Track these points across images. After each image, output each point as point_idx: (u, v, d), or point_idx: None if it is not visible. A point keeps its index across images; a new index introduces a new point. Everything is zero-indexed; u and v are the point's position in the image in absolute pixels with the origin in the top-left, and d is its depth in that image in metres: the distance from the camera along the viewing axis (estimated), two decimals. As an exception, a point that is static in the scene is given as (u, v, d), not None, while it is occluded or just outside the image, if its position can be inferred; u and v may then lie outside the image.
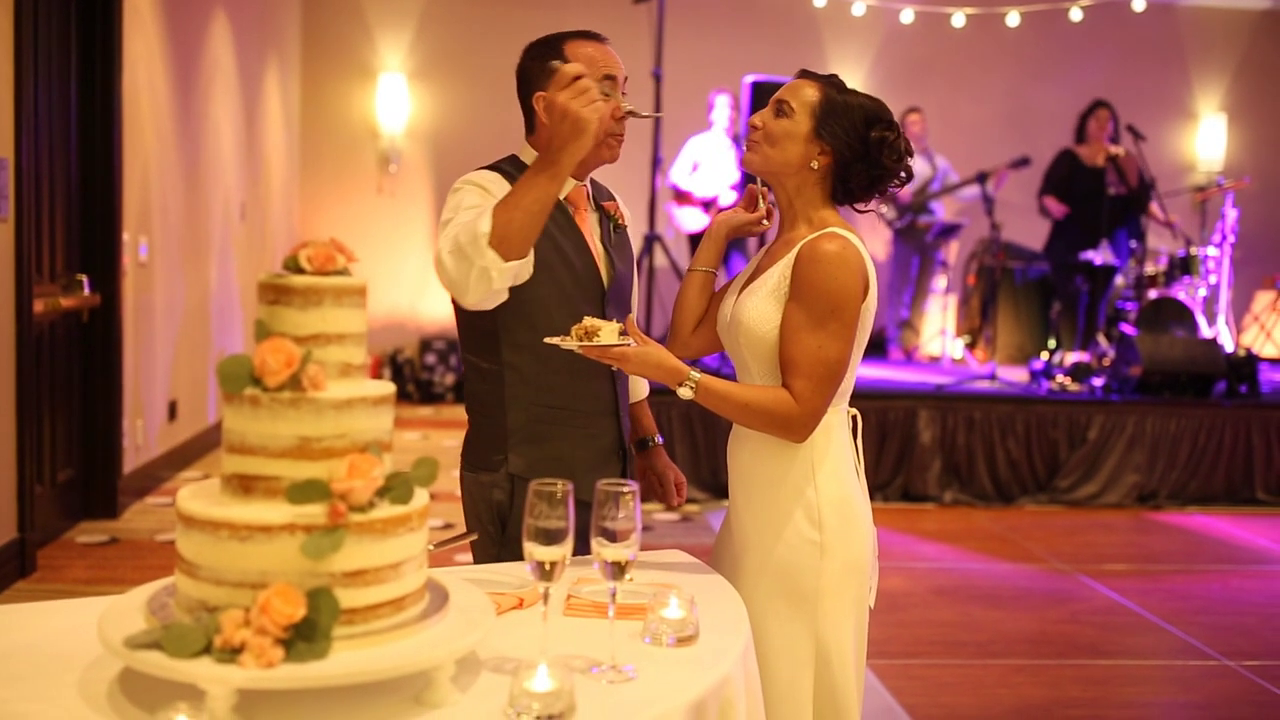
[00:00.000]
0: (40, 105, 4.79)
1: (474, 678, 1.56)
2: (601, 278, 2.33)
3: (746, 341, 2.14)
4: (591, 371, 2.29)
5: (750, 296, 2.15)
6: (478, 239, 2.00)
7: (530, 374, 2.28)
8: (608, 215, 2.39)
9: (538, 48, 2.32)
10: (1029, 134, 9.33)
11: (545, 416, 2.29)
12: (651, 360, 2.05)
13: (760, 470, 2.15)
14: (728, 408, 2.08)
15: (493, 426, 2.31)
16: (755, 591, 2.12)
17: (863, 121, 2.13)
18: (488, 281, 2.02)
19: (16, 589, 4.43)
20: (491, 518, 2.31)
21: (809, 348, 2.05)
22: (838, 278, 2.05)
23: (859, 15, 9.07)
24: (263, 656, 1.34)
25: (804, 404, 2.05)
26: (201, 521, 1.42)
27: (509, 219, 2.01)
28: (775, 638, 2.11)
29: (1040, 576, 5.29)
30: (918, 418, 6.55)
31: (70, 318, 5.23)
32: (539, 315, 2.22)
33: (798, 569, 2.11)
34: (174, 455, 6.36)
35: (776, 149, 2.15)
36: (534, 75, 2.29)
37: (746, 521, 2.18)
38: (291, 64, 9.10)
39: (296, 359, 1.44)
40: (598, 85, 2.05)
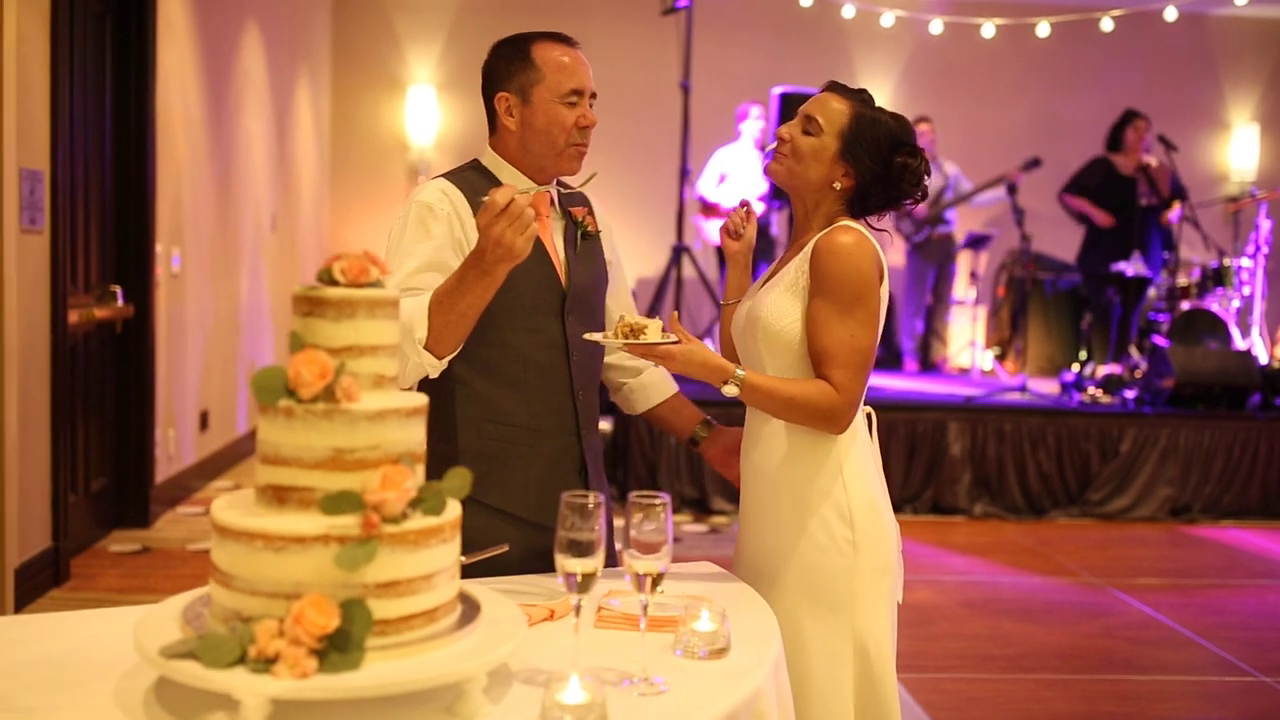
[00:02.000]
0: (75, 118, 4.85)
1: (506, 689, 1.56)
2: (561, 286, 2.23)
3: (764, 337, 2.13)
4: (548, 387, 2.21)
5: (766, 294, 2.16)
6: (414, 341, 2.00)
7: (480, 389, 2.19)
8: (575, 222, 2.29)
9: (505, 47, 2.26)
10: (1058, 144, 9.28)
11: (496, 434, 2.20)
12: (697, 358, 2.03)
13: (785, 473, 2.15)
14: (772, 403, 2.08)
15: (444, 446, 2.19)
16: (786, 595, 2.12)
17: (888, 145, 2.13)
18: (421, 373, 2.05)
19: (50, 597, 4.47)
20: None
21: (841, 337, 2.06)
22: (858, 266, 2.07)
23: (888, 26, 9.05)
24: (297, 667, 1.35)
25: (845, 394, 2.06)
26: (236, 532, 1.43)
27: (444, 323, 2.00)
28: (812, 640, 2.10)
29: (1072, 590, 5.24)
30: (947, 430, 6.51)
31: (104, 328, 5.28)
32: (490, 328, 2.12)
33: (831, 568, 2.11)
34: (205, 465, 6.41)
35: (802, 166, 2.16)
36: (498, 74, 2.24)
37: (772, 525, 2.17)
38: (322, 76, 9.17)
39: (330, 371, 1.45)
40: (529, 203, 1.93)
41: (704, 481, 6.27)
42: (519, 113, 2.21)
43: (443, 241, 2.15)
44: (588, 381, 2.29)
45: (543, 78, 2.19)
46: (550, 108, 2.19)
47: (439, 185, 2.22)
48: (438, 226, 2.16)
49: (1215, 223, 9.16)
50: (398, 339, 1.58)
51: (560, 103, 2.19)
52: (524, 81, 2.20)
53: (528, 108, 2.20)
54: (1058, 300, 8.80)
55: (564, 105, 2.19)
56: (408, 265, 2.14)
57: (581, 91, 2.21)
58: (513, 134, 2.23)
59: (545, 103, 2.19)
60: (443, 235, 2.16)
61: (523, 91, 2.21)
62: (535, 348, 2.20)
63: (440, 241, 2.15)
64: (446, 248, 2.15)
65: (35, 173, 4.37)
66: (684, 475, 6.25)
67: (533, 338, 2.20)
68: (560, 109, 2.19)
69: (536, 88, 2.19)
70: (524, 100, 2.21)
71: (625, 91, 8.43)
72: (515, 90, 2.21)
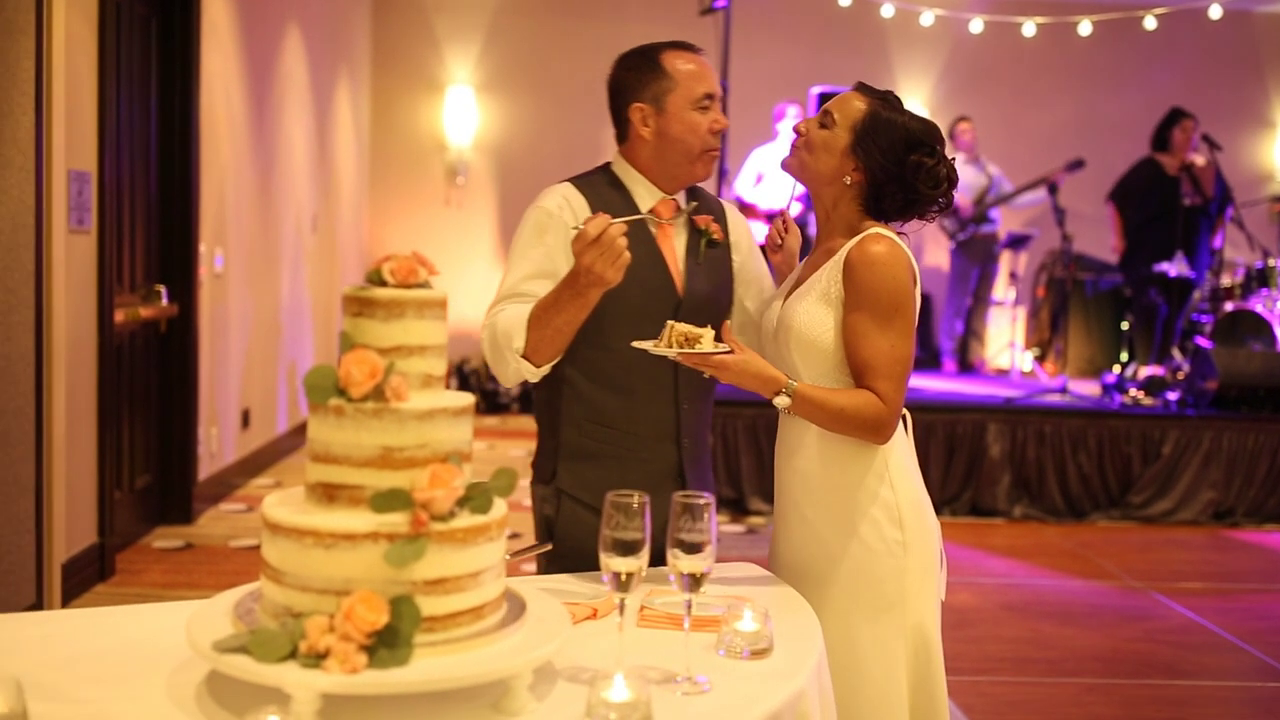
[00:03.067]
0: (122, 121, 4.92)
1: (551, 687, 1.57)
2: (678, 294, 2.26)
3: (798, 346, 2.14)
4: (651, 394, 2.25)
5: (798, 302, 2.16)
6: (513, 349, 2.11)
7: (584, 390, 2.25)
8: (699, 230, 2.31)
9: (634, 59, 2.29)
10: (1099, 144, 9.19)
11: (595, 435, 2.25)
12: (751, 369, 2.04)
13: (831, 476, 2.15)
14: (822, 415, 2.08)
15: (548, 439, 2.31)
16: (837, 598, 2.13)
17: (903, 143, 2.13)
18: (521, 377, 2.16)
19: (96, 592, 4.54)
20: (543, 532, 2.31)
21: (882, 349, 2.07)
22: (895, 276, 2.08)
23: (927, 25, 9.00)
24: (347, 662, 1.36)
25: (890, 404, 2.08)
26: (287, 529, 1.45)
27: (540, 338, 2.10)
28: (865, 642, 2.11)
29: (1113, 594, 5.20)
30: (987, 431, 6.46)
31: (149, 327, 5.35)
32: (598, 331, 2.16)
33: (883, 569, 2.12)
34: (246, 463, 6.47)
35: (812, 157, 2.18)
36: (629, 85, 2.27)
37: (818, 529, 2.17)
38: (362, 77, 9.24)
39: (380, 370, 1.47)
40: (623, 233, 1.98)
41: (741, 482, 6.27)
42: (654, 122, 2.25)
43: (555, 249, 2.20)
44: (695, 391, 2.30)
45: (676, 85, 2.23)
46: (685, 114, 2.23)
47: (562, 191, 2.27)
48: (552, 234, 2.21)
49: (1260, 223, 9.04)
50: (445, 339, 1.59)
51: (694, 109, 2.23)
52: (657, 90, 2.24)
53: (663, 116, 2.24)
54: (1098, 301, 8.72)
55: (697, 111, 2.23)
56: (520, 270, 2.21)
57: (712, 96, 2.25)
58: (647, 143, 2.26)
59: (680, 110, 2.23)
60: (556, 243, 2.20)
61: (657, 100, 2.24)
62: (642, 354, 2.19)
63: (552, 249, 2.20)
64: (558, 255, 2.19)
65: (83, 174, 4.43)
66: (721, 475, 6.24)
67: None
68: (694, 115, 2.23)
69: (670, 96, 2.23)
70: (659, 109, 2.24)
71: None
72: (649, 100, 2.24)
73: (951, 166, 2.17)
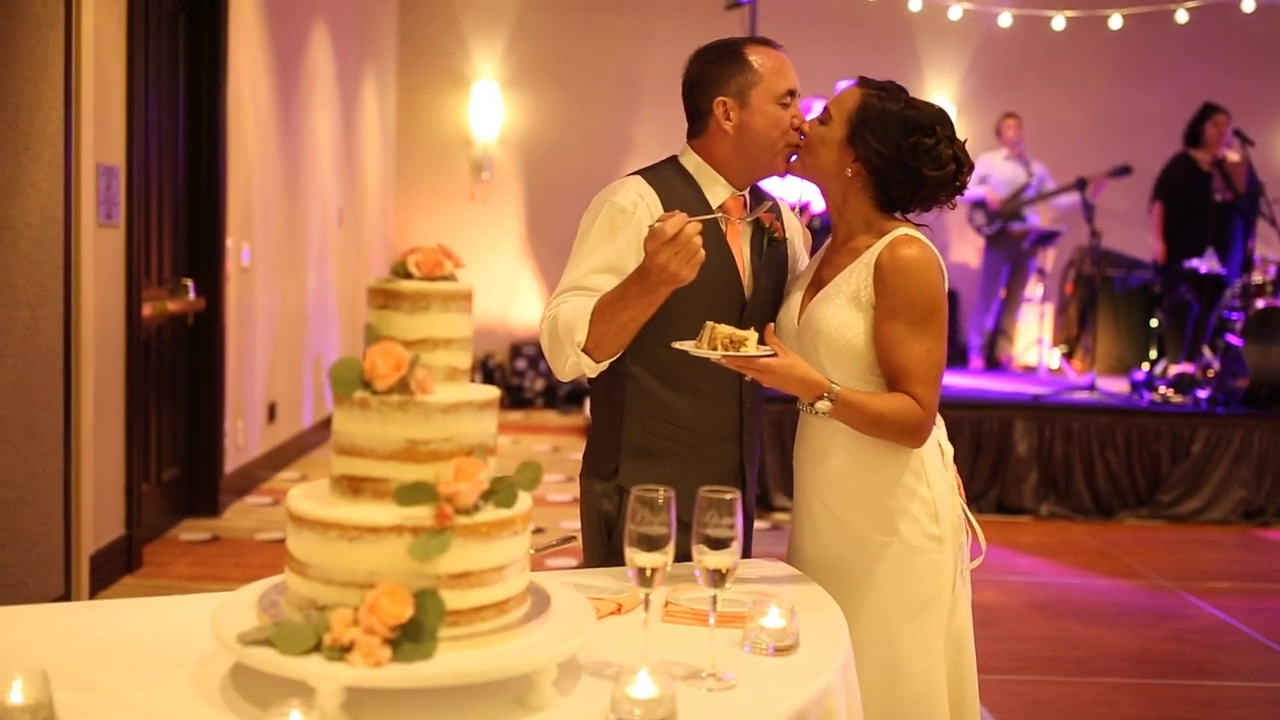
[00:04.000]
0: (150, 115, 4.95)
1: (575, 682, 1.56)
2: (744, 293, 2.24)
3: (828, 349, 2.12)
4: (717, 393, 2.23)
5: (826, 304, 2.14)
6: (574, 342, 2.08)
7: (649, 387, 2.23)
8: (763, 228, 2.29)
9: (716, 52, 2.27)
10: (1130, 139, 9.11)
11: (660, 432, 2.24)
12: (796, 373, 2.02)
13: (866, 476, 2.14)
14: (861, 419, 2.07)
15: (609, 435, 2.28)
16: (874, 596, 2.12)
17: (899, 128, 2.11)
18: (579, 372, 2.13)
19: (123, 583, 4.57)
20: (599, 528, 2.29)
21: (918, 354, 2.07)
22: (928, 281, 2.08)
23: (955, 19, 8.93)
24: (371, 656, 1.36)
25: (927, 409, 2.08)
26: (312, 521, 1.45)
27: (603, 333, 2.07)
28: (905, 640, 2.11)
29: (1141, 593, 5.15)
30: (1013, 428, 6.42)
31: (176, 321, 5.38)
32: (666, 329, 2.13)
33: (923, 566, 2.12)
34: (272, 456, 6.50)
35: (812, 156, 2.19)
36: (711, 79, 2.24)
37: (853, 528, 2.16)
38: (388, 73, 9.26)
39: (405, 363, 1.46)
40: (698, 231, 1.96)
41: (765, 478, 6.25)
42: (737, 115, 2.22)
43: (626, 246, 2.17)
44: (757, 390, 2.29)
45: (760, 79, 2.22)
46: (768, 108, 2.21)
47: (635, 187, 2.24)
48: (625, 231, 2.18)
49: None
50: (470, 332, 1.59)
51: (777, 103, 2.22)
52: (741, 84, 2.22)
53: (746, 110, 2.22)
54: (1128, 298, 8.63)
55: (780, 106, 2.22)
56: (587, 263, 2.19)
57: (794, 92, 2.24)
58: (728, 137, 2.24)
59: (764, 104, 2.21)
60: (628, 240, 2.17)
61: (741, 94, 2.22)
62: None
63: (623, 246, 2.18)
64: (629, 252, 2.16)
65: (111, 168, 4.46)
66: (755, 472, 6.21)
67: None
68: (778, 110, 2.22)
69: (754, 89, 2.22)
70: (742, 103, 2.22)
71: (688, 87, 8.37)
72: (733, 93, 2.22)
73: (960, 148, 2.14)
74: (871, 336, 2.10)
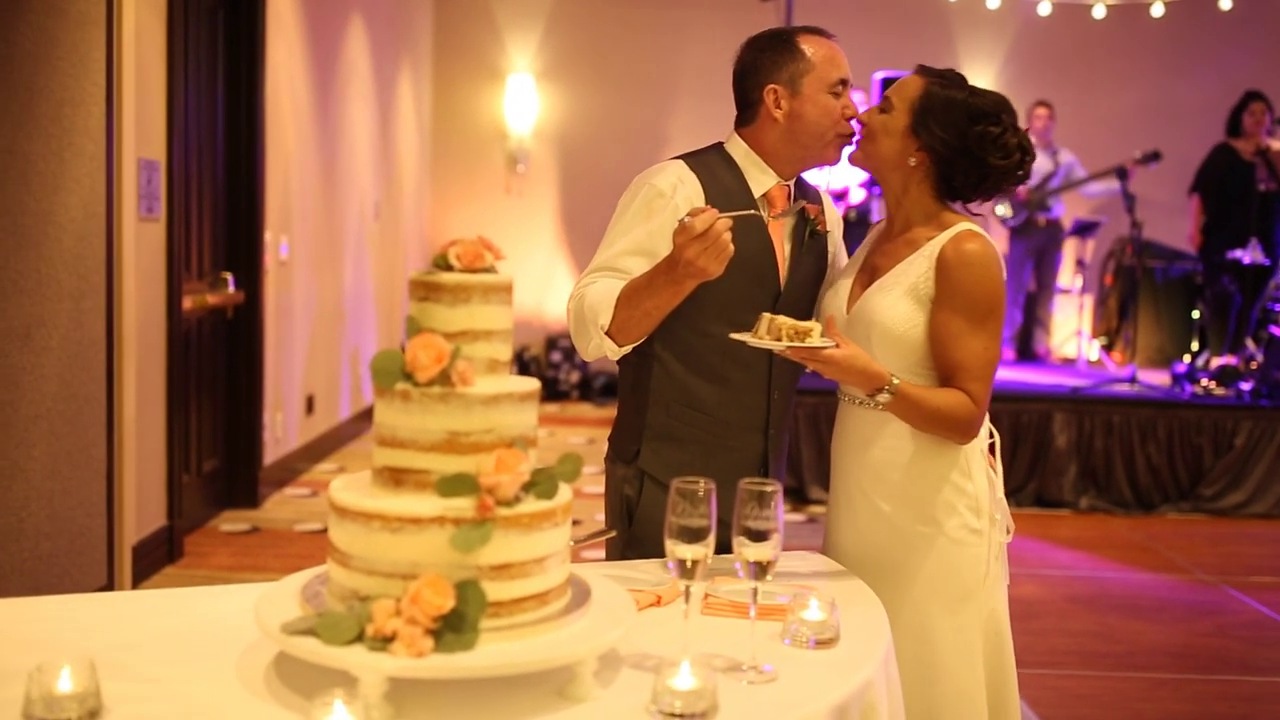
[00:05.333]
0: (190, 109, 4.99)
1: (615, 673, 1.56)
2: (779, 283, 2.23)
3: (882, 340, 2.10)
4: (745, 383, 2.22)
5: (882, 295, 2.12)
6: (598, 324, 2.08)
7: (676, 372, 2.22)
8: (806, 218, 2.27)
9: (767, 40, 2.26)
10: (1172, 129, 8.98)
11: (684, 418, 2.23)
12: (858, 365, 2.00)
13: (912, 468, 2.12)
14: (916, 413, 2.06)
15: (633, 418, 2.27)
16: (915, 589, 2.11)
17: (965, 117, 2.08)
18: (601, 354, 2.12)
19: (165, 573, 4.62)
20: (620, 512, 2.29)
21: (976, 351, 2.06)
22: (992, 278, 2.07)
23: (993, 8, 8.85)
24: (413, 646, 1.36)
25: (980, 406, 2.07)
26: (354, 512, 1.45)
27: (627, 318, 2.06)
28: (944, 633, 2.09)
29: (1183, 587, 5.09)
30: (1053, 421, 6.36)
31: (216, 314, 5.43)
32: (696, 315, 2.14)
33: (964, 559, 2.11)
34: (310, 448, 6.55)
35: (874, 145, 2.16)
36: (763, 66, 2.23)
37: (895, 521, 2.14)
38: (423, 66, 9.29)
39: (446, 355, 1.46)
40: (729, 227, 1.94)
41: (801, 470, 6.23)
42: (788, 104, 2.21)
43: (659, 230, 2.15)
44: (786, 381, 2.29)
45: (812, 68, 2.20)
46: (820, 97, 2.20)
47: (676, 171, 2.23)
48: (661, 215, 2.17)
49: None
50: (510, 324, 1.59)
51: (829, 92, 2.20)
52: (793, 73, 2.21)
53: (797, 99, 2.21)
54: (1169, 289, 8.52)
55: (832, 95, 2.20)
56: (620, 244, 2.18)
57: (846, 82, 2.22)
58: (778, 125, 2.22)
59: (816, 93, 2.20)
60: (662, 224, 2.15)
61: (792, 83, 2.21)
62: (739, 342, 2.16)
63: (657, 229, 2.16)
64: (663, 236, 2.12)
65: (152, 163, 4.50)
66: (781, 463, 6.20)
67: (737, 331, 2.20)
68: (829, 99, 2.20)
69: (806, 78, 2.20)
70: (794, 91, 2.21)
71: (724, 77, 8.35)
72: (785, 82, 2.21)
73: (1024, 135, 2.12)
74: (927, 330, 2.09)
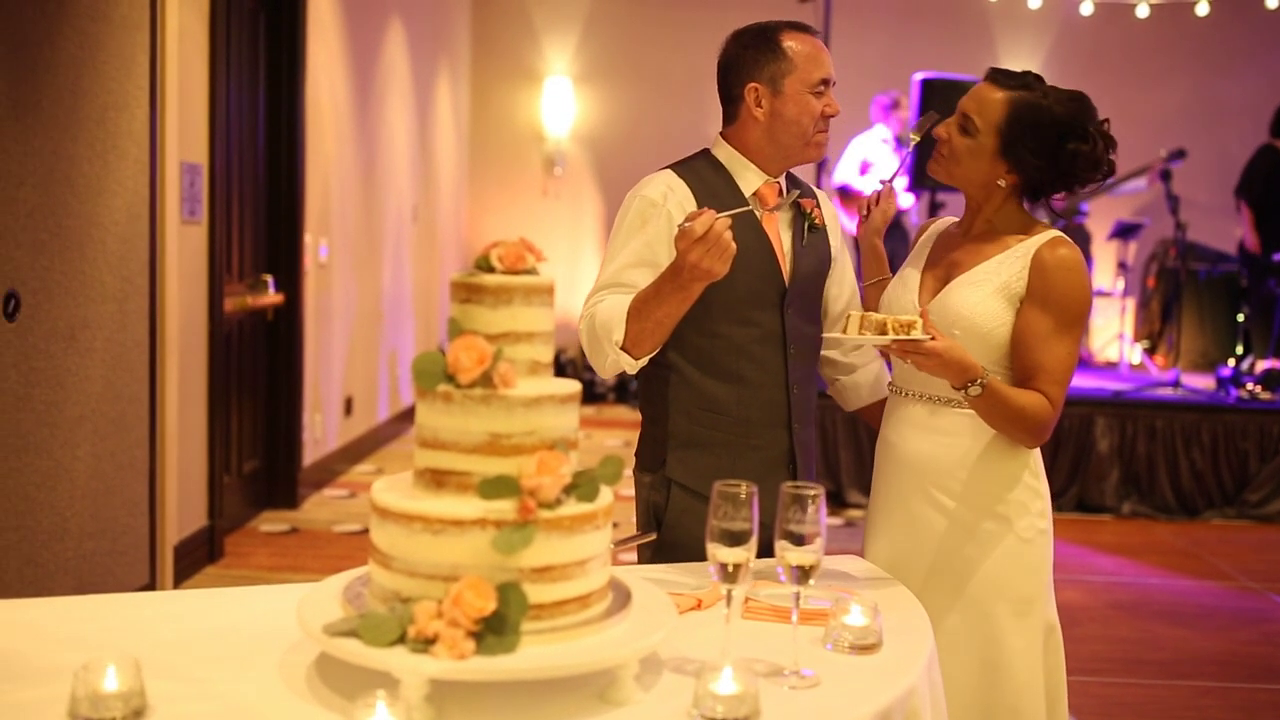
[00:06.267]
0: (231, 113, 5.03)
1: (656, 677, 1.55)
2: (784, 278, 2.23)
3: (964, 335, 2.07)
4: (761, 380, 2.22)
5: (969, 290, 2.10)
6: (612, 341, 2.08)
7: (692, 377, 2.22)
8: (803, 213, 2.28)
9: (749, 38, 2.25)
10: (1216, 130, 8.87)
11: (706, 422, 2.22)
12: (956, 355, 1.99)
13: (984, 468, 2.11)
14: (999, 411, 2.04)
15: (657, 428, 2.28)
16: (982, 590, 2.10)
17: (1055, 135, 2.06)
18: (619, 369, 2.12)
19: (206, 573, 4.66)
20: (649, 519, 2.29)
21: (1060, 355, 2.06)
22: (1084, 285, 2.08)
23: (1034, 8, 8.77)
24: (455, 648, 1.36)
25: (1057, 410, 2.07)
26: (396, 514, 1.45)
27: (640, 330, 2.06)
28: (1010, 635, 2.08)
29: (1228, 595, 5.02)
30: (1094, 425, 6.29)
31: (256, 316, 5.47)
32: (704, 318, 2.14)
33: (1033, 559, 2.11)
34: (348, 449, 6.59)
35: (961, 167, 2.13)
36: (745, 64, 2.22)
37: (963, 520, 2.12)
38: (461, 69, 9.33)
39: (488, 357, 1.46)
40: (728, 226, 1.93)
41: (839, 474, 6.19)
42: (769, 103, 2.21)
43: (656, 238, 2.17)
44: (804, 375, 2.28)
45: (794, 67, 2.19)
46: (801, 97, 2.19)
47: (665, 179, 2.24)
48: (655, 223, 2.18)
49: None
50: (552, 326, 1.59)
51: (810, 92, 2.19)
52: (774, 72, 2.20)
53: (778, 98, 2.20)
54: (1212, 291, 8.41)
55: (813, 95, 2.20)
56: (620, 258, 2.19)
57: (828, 81, 2.21)
58: (759, 124, 2.23)
59: (796, 92, 2.19)
60: (657, 232, 2.18)
61: (773, 82, 2.20)
62: (749, 340, 2.20)
63: (653, 238, 2.18)
64: (660, 244, 2.16)
65: (195, 166, 4.54)
66: (819, 467, 6.17)
67: (746, 330, 2.21)
68: (810, 98, 2.20)
69: (788, 78, 2.19)
70: (775, 91, 2.20)
71: (761, 80, 8.31)
72: (766, 80, 2.21)
73: (1109, 139, 2.09)
74: (1012, 329, 2.08)
